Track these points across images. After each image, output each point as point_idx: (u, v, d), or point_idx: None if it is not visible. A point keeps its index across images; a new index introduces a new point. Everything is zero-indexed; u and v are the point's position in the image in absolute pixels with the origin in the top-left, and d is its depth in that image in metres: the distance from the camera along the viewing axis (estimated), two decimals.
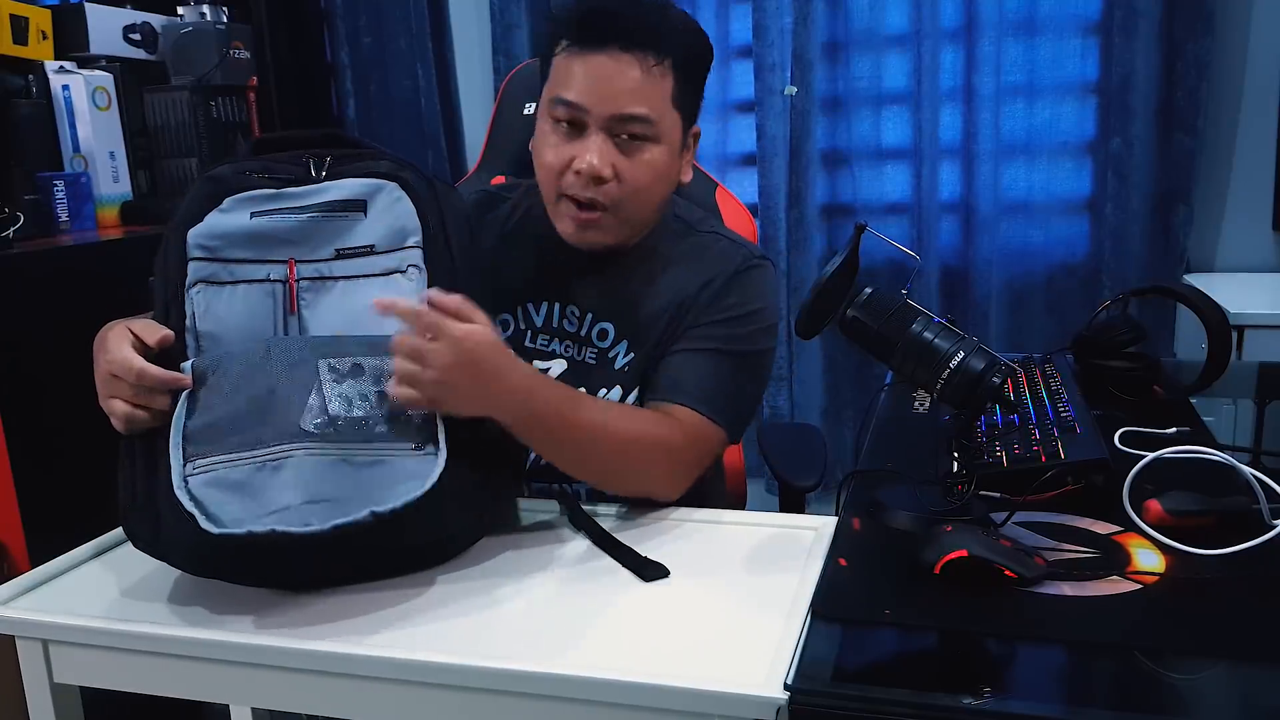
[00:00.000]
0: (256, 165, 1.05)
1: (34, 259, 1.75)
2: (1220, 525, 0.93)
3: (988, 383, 0.90)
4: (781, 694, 0.74)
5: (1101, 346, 1.39)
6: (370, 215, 1.03)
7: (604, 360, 1.23)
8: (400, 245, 1.02)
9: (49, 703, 0.95)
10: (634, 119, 1.12)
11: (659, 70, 1.12)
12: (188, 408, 0.95)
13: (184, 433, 0.93)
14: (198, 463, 0.92)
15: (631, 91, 1.12)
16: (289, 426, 0.92)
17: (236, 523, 0.87)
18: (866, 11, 2.42)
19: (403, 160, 1.06)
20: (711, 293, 1.21)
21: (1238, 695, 0.76)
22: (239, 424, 0.93)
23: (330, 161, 1.05)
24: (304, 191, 1.03)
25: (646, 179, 1.15)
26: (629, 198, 1.15)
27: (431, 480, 0.90)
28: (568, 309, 1.25)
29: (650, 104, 1.13)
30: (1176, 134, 2.27)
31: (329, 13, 2.77)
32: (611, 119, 1.12)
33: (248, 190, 1.02)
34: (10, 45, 1.99)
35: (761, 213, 2.51)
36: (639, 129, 1.13)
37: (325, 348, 0.97)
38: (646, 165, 1.15)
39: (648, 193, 1.17)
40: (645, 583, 0.94)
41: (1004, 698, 0.74)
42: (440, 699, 0.83)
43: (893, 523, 0.97)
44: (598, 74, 1.12)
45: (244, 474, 0.91)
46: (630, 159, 1.14)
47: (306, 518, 0.87)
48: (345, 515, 0.86)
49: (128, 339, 0.97)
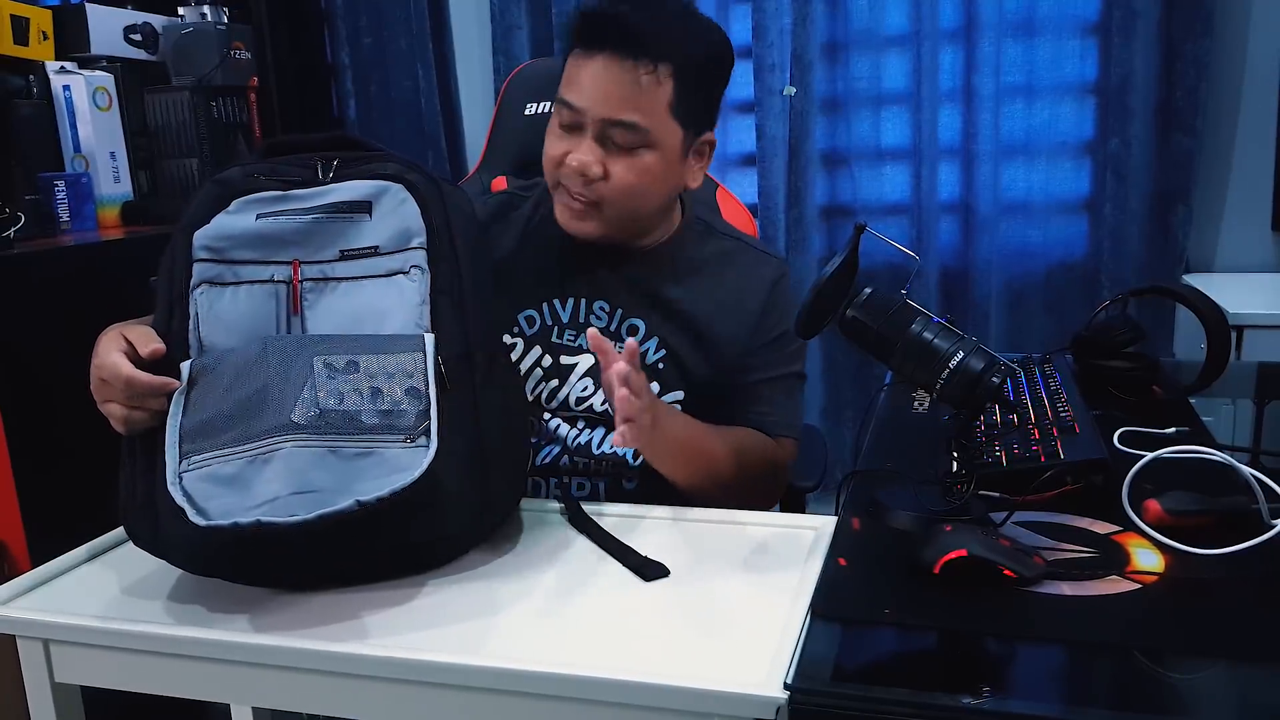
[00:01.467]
0: (264, 168, 1.06)
1: (35, 259, 1.75)
2: (1219, 525, 0.93)
3: (987, 383, 0.90)
4: (781, 694, 0.74)
5: (1101, 346, 1.39)
6: (375, 217, 1.03)
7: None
8: (404, 246, 1.03)
9: (50, 702, 0.96)
10: (623, 125, 1.13)
11: (654, 78, 1.13)
12: (183, 406, 0.95)
13: (180, 431, 0.94)
14: (193, 459, 0.92)
15: (623, 98, 1.13)
16: (280, 419, 0.92)
17: (224, 515, 0.86)
18: (866, 12, 2.42)
19: (410, 162, 1.07)
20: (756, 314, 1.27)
21: (1237, 695, 0.77)
22: (233, 420, 0.93)
23: (338, 163, 1.06)
24: (310, 193, 1.04)
25: (636, 182, 1.16)
26: (618, 198, 1.17)
27: (419, 471, 0.89)
28: (595, 304, 1.26)
29: (642, 112, 1.13)
30: (1175, 134, 2.27)
31: (329, 13, 2.77)
32: (603, 123, 1.14)
33: (254, 192, 1.03)
34: (11, 46, 2.00)
35: (761, 213, 2.51)
36: (628, 136, 1.14)
37: (321, 345, 0.97)
38: (637, 169, 1.16)
39: (639, 195, 1.18)
40: (645, 582, 0.94)
41: (1003, 697, 0.74)
42: (440, 699, 0.83)
43: (892, 522, 0.97)
44: (593, 78, 1.14)
45: (236, 468, 0.91)
46: (621, 162, 1.15)
47: (293, 508, 0.86)
48: (331, 505, 0.85)
49: (118, 345, 0.98)
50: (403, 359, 0.97)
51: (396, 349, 0.97)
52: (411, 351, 0.97)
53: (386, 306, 1.01)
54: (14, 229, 1.82)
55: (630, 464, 1.24)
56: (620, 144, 1.14)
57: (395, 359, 0.97)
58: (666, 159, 1.17)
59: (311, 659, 0.85)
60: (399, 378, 0.96)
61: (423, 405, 0.95)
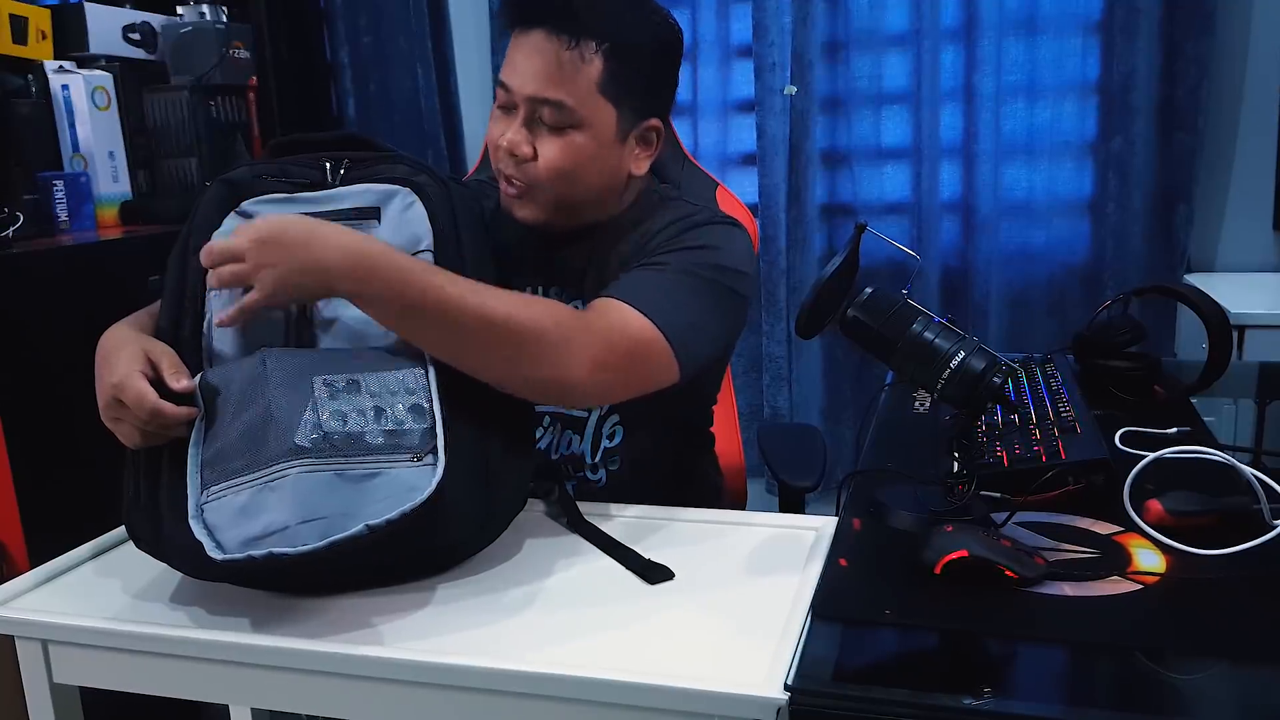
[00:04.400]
0: (272, 168, 1.05)
1: (33, 259, 1.75)
2: (1221, 525, 0.93)
3: (988, 382, 0.90)
4: (781, 694, 0.74)
5: (1102, 346, 1.39)
6: (384, 222, 1.03)
7: None
8: (413, 250, 1.02)
9: (49, 703, 0.95)
10: (547, 103, 1.12)
11: (578, 56, 1.11)
12: (204, 434, 0.94)
13: (201, 459, 0.92)
14: (211, 489, 0.90)
15: (549, 76, 1.12)
16: (285, 445, 0.90)
17: (238, 547, 0.86)
18: (866, 11, 2.42)
19: (419, 163, 1.07)
20: (671, 232, 1.18)
21: (1238, 695, 0.76)
22: (241, 447, 0.91)
23: (347, 165, 1.05)
24: (319, 197, 1.04)
25: (565, 162, 1.14)
26: (549, 180, 1.15)
27: (429, 490, 0.88)
28: (550, 291, 1.25)
29: (566, 90, 1.12)
30: (1177, 133, 2.27)
31: (329, 12, 2.76)
32: (529, 100, 1.13)
33: (262, 194, 1.03)
34: (10, 45, 1.99)
35: (761, 212, 2.51)
36: (553, 114, 1.12)
37: (320, 364, 0.96)
38: (565, 150, 1.14)
39: (569, 178, 1.15)
40: (645, 583, 0.94)
41: (1004, 698, 0.73)
42: (440, 699, 0.83)
43: (893, 523, 0.96)
44: (520, 56, 1.14)
45: (247, 497, 0.89)
46: (549, 142, 1.14)
47: (303, 537, 0.85)
48: (341, 531, 0.84)
49: (139, 365, 0.95)
50: (404, 375, 0.96)
51: (397, 365, 0.96)
52: (412, 367, 0.97)
53: None
54: (13, 229, 1.81)
55: (589, 460, 1.22)
56: (548, 123, 1.13)
57: (396, 376, 0.95)
58: (599, 140, 1.15)
59: (311, 660, 0.85)
60: (401, 395, 0.95)
61: (428, 423, 0.94)
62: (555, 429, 1.24)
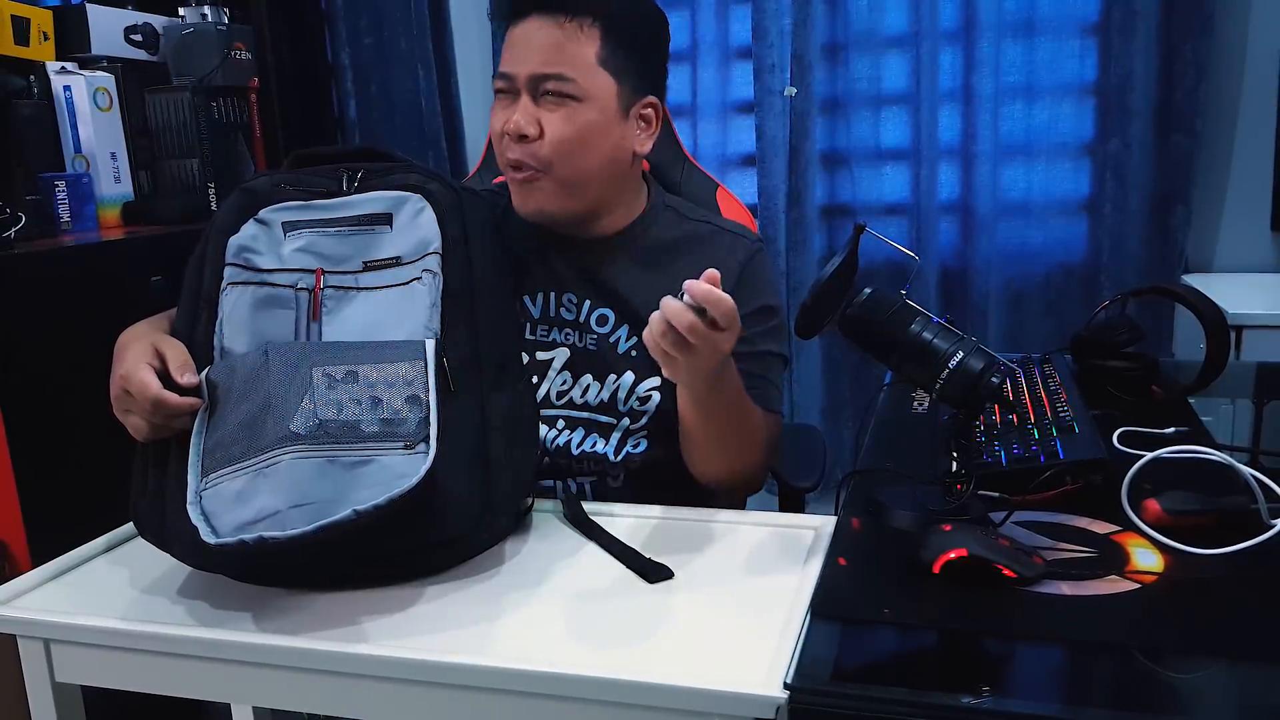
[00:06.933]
0: (290, 178, 1.09)
1: (35, 259, 1.75)
2: (1219, 525, 0.94)
3: (986, 382, 0.90)
4: (781, 693, 0.74)
5: (1100, 347, 1.39)
6: (395, 227, 1.06)
7: (606, 346, 1.24)
8: (423, 254, 1.05)
9: (50, 702, 0.96)
10: (550, 77, 1.14)
11: (576, 30, 1.14)
12: (207, 423, 0.96)
13: (203, 447, 0.95)
14: (209, 476, 0.92)
15: (549, 53, 1.14)
16: (281, 431, 0.92)
17: (231, 531, 0.87)
18: (866, 12, 2.42)
19: (431, 172, 1.10)
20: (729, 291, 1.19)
21: (1237, 695, 0.77)
22: (239, 436, 0.94)
23: (362, 174, 1.08)
24: (333, 204, 1.06)
25: (573, 134, 1.15)
26: (557, 157, 1.16)
27: (417, 477, 0.89)
28: (564, 297, 1.26)
29: (568, 63, 1.14)
30: (1175, 135, 2.27)
31: (330, 14, 2.77)
32: (531, 79, 1.15)
33: (280, 202, 1.06)
34: (12, 46, 2.00)
35: (761, 213, 2.51)
36: (557, 86, 1.14)
37: (321, 355, 0.97)
38: (572, 122, 1.15)
39: (577, 152, 1.17)
40: (645, 582, 0.94)
41: (1003, 697, 0.74)
42: (440, 699, 0.83)
43: (892, 522, 0.97)
44: (519, 41, 1.16)
45: (243, 483, 0.91)
46: (554, 115, 1.15)
47: (293, 521, 0.87)
48: (329, 515, 0.86)
49: (147, 357, 0.98)
50: (402, 367, 0.97)
51: (397, 357, 0.98)
52: (411, 359, 0.98)
53: (400, 312, 1.03)
54: (14, 229, 1.81)
55: (612, 460, 1.23)
56: (553, 97, 1.15)
57: (395, 368, 0.97)
58: (603, 112, 1.17)
59: (313, 659, 0.85)
60: (399, 386, 0.96)
61: (423, 413, 0.95)
62: (580, 431, 1.25)
